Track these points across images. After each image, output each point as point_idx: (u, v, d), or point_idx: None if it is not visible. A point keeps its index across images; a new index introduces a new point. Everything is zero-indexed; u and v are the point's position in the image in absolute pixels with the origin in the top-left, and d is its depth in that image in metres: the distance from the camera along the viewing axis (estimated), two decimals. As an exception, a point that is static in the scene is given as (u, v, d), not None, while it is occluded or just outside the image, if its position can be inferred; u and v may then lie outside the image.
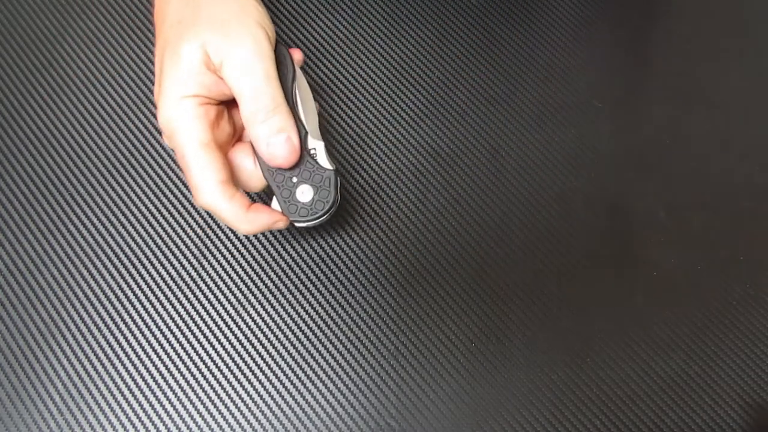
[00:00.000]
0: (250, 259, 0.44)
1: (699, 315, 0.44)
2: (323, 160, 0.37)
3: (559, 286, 0.44)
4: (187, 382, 0.41)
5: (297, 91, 0.37)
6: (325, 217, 0.37)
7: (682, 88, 0.50)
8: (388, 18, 0.51)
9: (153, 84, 0.48)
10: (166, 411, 0.40)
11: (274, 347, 0.42)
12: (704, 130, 0.49)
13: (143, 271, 0.43)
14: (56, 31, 0.50)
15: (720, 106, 0.50)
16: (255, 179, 0.37)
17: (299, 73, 0.38)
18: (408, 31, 0.51)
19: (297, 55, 0.38)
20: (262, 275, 0.44)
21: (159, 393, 0.41)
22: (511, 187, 0.47)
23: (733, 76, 0.51)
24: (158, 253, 0.44)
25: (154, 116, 0.47)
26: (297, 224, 0.37)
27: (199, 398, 0.41)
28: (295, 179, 0.36)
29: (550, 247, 0.45)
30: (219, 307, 0.43)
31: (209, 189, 0.34)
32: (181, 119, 0.34)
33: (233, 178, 0.36)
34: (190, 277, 0.43)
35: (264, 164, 0.36)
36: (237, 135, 0.38)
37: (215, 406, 0.41)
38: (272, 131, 0.34)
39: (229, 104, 0.37)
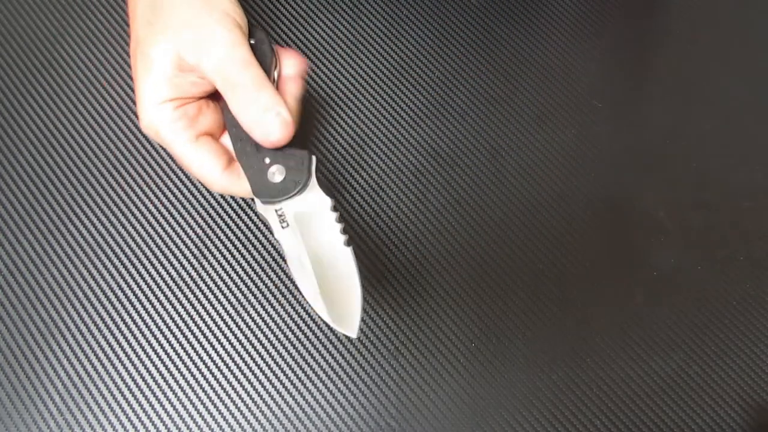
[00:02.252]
0: (250, 259, 0.44)
1: (699, 315, 0.44)
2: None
3: (559, 286, 0.44)
4: (187, 382, 0.41)
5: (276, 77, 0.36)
6: (294, 195, 0.35)
7: (682, 88, 0.50)
8: (388, 18, 0.51)
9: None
10: (166, 411, 0.40)
11: (274, 347, 0.42)
12: (704, 130, 0.49)
13: (143, 271, 0.43)
14: (56, 31, 0.50)
15: (720, 106, 0.50)
16: None
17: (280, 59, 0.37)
18: (408, 31, 0.51)
19: (301, 64, 0.38)
20: (262, 275, 0.44)
21: (159, 393, 0.41)
22: (511, 187, 0.47)
23: (733, 76, 0.51)
24: (158, 253, 0.44)
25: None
26: (262, 204, 0.35)
27: (199, 398, 0.41)
28: (267, 160, 0.35)
29: (550, 246, 0.45)
30: (219, 307, 0.43)
31: (215, 180, 0.35)
32: (161, 123, 0.34)
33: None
34: (190, 277, 0.43)
35: (237, 146, 0.36)
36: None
37: (215, 406, 0.41)
38: (260, 111, 0.34)
39: (215, 95, 0.37)
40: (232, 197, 0.45)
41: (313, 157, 0.36)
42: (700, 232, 0.46)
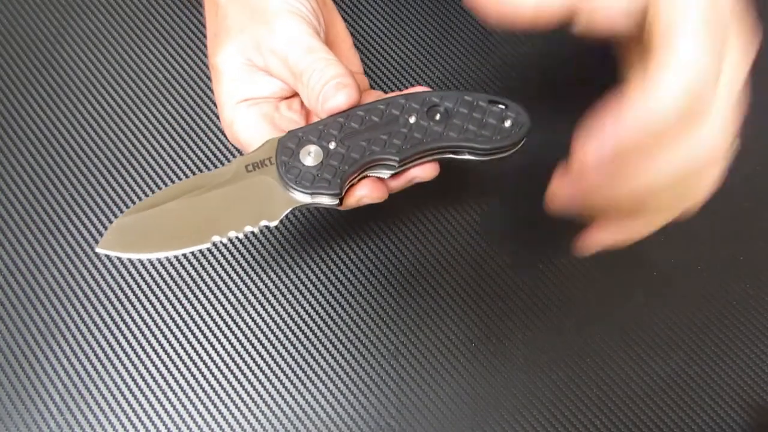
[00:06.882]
0: (250, 259, 0.44)
1: (699, 315, 0.44)
2: None
3: (559, 286, 0.44)
4: (187, 382, 0.41)
5: None
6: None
7: (682, 88, 0.50)
8: (388, 18, 0.51)
9: (152, 84, 0.48)
10: (166, 411, 0.40)
11: (274, 347, 0.42)
12: (704, 130, 0.49)
13: (143, 271, 0.43)
14: (56, 31, 0.50)
15: (720, 106, 0.50)
16: None
17: None
18: (408, 31, 0.51)
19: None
20: (262, 275, 0.44)
21: (159, 393, 0.41)
22: (511, 187, 0.47)
23: (733, 76, 0.51)
24: (158, 253, 0.44)
25: (154, 116, 0.47)
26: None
27: (199, 398, 0.41)
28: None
29: (550, 246, 0.45)
30: (219, 307, 0.43)
31: None
32: (237, 122, 0.35)
33: None
34: (190, 277, 0.43)
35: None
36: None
37: (215, 406, 0.41)
38: (324, 80, 0.33)
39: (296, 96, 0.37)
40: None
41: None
42: (700, 232, 0.46)
